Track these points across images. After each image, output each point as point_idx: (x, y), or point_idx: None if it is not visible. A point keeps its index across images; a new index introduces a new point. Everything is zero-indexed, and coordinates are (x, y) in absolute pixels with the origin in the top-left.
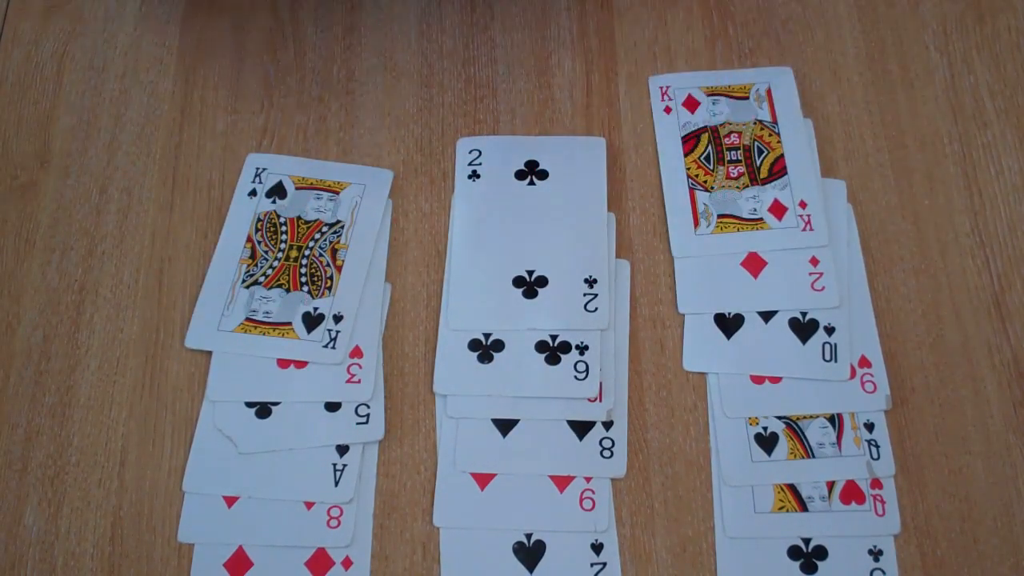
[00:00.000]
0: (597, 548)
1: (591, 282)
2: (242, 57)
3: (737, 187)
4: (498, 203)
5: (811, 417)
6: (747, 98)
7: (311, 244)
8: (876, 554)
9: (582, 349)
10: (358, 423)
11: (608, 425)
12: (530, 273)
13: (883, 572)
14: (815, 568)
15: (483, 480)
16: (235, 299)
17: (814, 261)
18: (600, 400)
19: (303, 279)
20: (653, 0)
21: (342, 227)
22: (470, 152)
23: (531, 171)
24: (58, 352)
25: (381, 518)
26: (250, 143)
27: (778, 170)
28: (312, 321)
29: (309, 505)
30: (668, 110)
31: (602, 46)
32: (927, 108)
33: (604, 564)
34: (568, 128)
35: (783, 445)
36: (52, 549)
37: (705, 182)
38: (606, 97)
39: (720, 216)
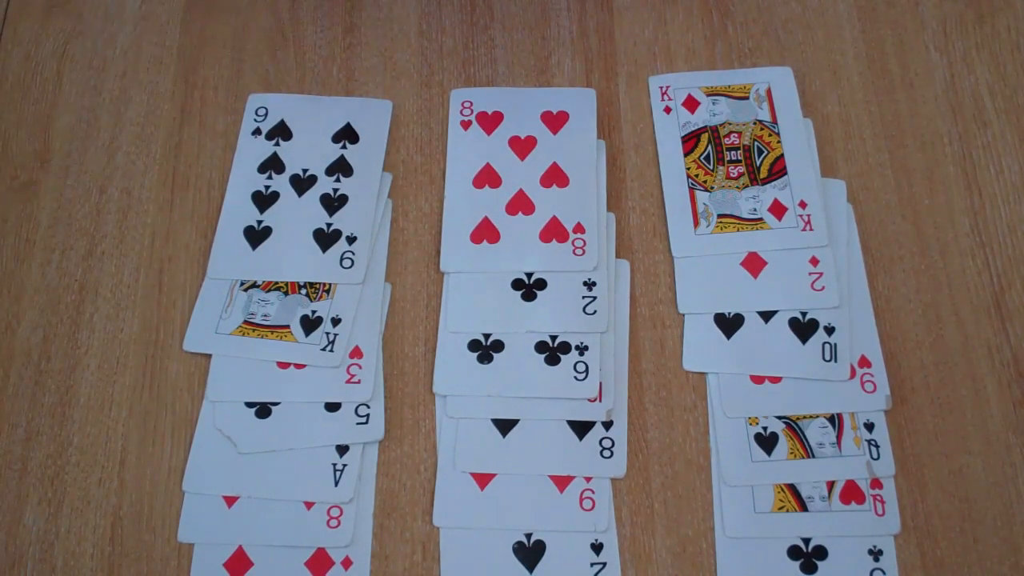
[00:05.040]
0: (597, 548)
1: (590, 285)
2: (242, 57)
3: (737, 187)
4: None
5: (811, 417)
6: (747, 98)
7: None
8: (876, 554)
9: (582, 349)
10: (358, 423)
11: (608, 425)
12: (529, 276)
13: (883, 572)
14: (815, 568)
15: (483, 480)
16: (233, 302)
17: (814, 261)
18: (600, 400)
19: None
20: (653, 0)
21: None
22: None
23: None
24: (58, 352)
25: (381, 518)
26: None
27: (778, 170)
28: (310, 324)
29: (309, 505)
30: (668, 110)
31: (602, 46)
32: (927, 108)
33: (604, 564)
34: None
35: (783, 445)
36: (52, 549)
37: (705, 182)
38: (606, 97)
39: (720, 216)
